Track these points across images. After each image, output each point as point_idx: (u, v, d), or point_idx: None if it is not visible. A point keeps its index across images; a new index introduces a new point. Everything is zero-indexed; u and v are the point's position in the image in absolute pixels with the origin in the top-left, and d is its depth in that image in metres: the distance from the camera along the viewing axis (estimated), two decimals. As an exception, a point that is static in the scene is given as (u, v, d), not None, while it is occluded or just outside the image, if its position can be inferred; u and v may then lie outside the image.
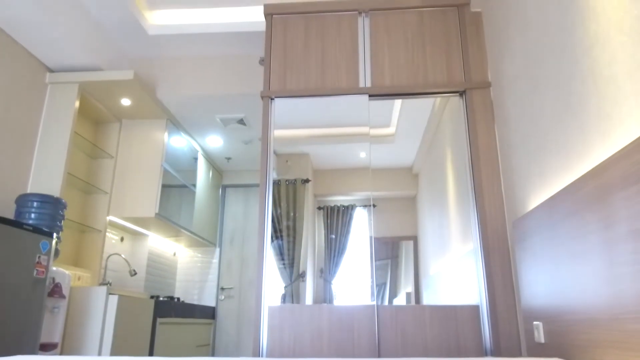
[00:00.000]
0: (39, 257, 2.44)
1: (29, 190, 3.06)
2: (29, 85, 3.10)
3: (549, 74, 1.89)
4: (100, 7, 3.08)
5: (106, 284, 3.62)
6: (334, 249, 2.54)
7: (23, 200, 2.78)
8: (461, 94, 2.72)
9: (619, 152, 1.31)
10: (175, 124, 4.11)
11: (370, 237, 2.53)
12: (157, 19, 3.39)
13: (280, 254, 2.53)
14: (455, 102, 2.72)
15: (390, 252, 2.52)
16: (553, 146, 1.86)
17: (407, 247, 2.52)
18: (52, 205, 2.82)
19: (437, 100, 2.74)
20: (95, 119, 3.83)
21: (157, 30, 3.37)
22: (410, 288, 2.46)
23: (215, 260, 5.11)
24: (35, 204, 2.77)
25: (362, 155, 2.67)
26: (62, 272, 2.79)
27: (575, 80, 1.67)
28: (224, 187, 5.45)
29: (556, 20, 1.80)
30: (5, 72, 2.87)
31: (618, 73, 1.40)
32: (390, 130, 2.73)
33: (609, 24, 1.44)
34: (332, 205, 2.62)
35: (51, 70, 3.30)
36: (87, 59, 3.18)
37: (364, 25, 2.91)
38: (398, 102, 2.76)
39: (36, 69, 3.17)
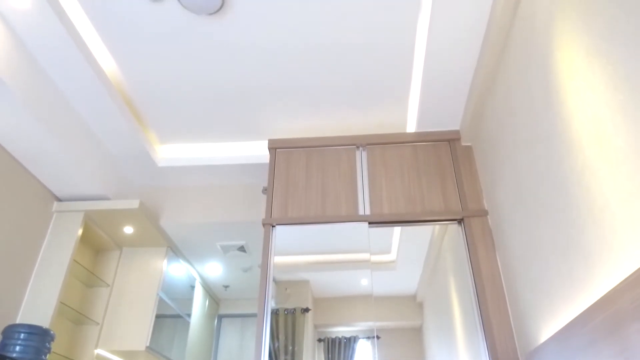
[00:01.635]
0: (17, 396, 2.25)
1: (18, 320, 2.93)
2: (36, 214, 3.15)
3: (543, 202, 1.94)
4: (113, 141, 3.28)
5: None
6: (336, 387, 2.36)
7: (10, 332, 2.65)
8: (459, 221, 2.77)
9: (624, 280, 1.30)
10: (175, 251, 4.09)
11: (375, 373, 2.36)
12: (167, 152, 3.58)
13: (278, 392, 2.34)
14: (454, 230, 2.75)
15: (397, 390, 2.34)
16: (556, 274, 1.84)
17: (414, 385, 2.35)
18: (39, 337, 2.68)
19: (436, 227, 2.78)
20: (96, 247, 3.83)
21: (166, 162, 3.54)
22: None
23: (206, 400, 4.69)
24: (22, 335, 2.64)
25: (364, 282, 2.62)
26: (38, 414, 2.55)
27: (570, 209, 1.71)
28: (220, 317, 5.23)
29: (543, 153, 1.91)
30: (14, 202, 2.94)
31: (611, 201, 1.43)
32: (391, 257, 2.72)
33: (594, 155, 1.52)
34: (334, 336, 2.49)
35: (59, 199, 3.38)
36: (95, 188, 3.29)
37: (361, 157, 3.08)
38: (398, 229, 2.79)
39: (44, 198, 3.25)
